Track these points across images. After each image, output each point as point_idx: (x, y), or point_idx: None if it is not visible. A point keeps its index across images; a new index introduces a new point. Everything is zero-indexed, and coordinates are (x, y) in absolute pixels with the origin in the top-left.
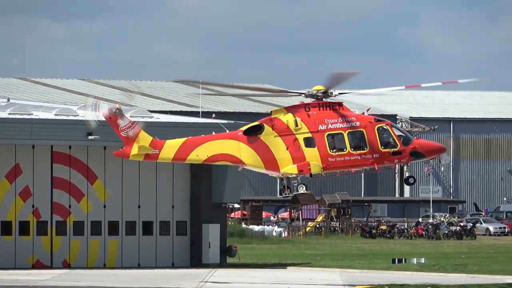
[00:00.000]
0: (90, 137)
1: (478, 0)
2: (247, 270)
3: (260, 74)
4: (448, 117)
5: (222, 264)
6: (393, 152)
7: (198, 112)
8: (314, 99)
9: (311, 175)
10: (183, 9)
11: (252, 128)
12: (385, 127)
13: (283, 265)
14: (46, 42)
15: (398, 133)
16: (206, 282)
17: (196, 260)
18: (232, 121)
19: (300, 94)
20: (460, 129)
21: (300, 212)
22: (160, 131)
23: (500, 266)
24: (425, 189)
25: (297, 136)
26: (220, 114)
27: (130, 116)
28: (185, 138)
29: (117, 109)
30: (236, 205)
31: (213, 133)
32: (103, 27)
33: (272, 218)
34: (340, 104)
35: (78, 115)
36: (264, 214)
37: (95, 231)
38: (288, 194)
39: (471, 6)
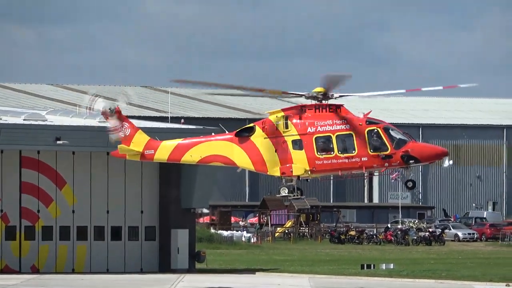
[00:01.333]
0: (58, 142)
1: (446, 6)
2: (216, 275)
3: (230, 80)
4: (417, 123)
5: (191, 270)
6: (384, 156)
7: (167, 117)
8: (315, 101)
9: (299, 177)
10: (151, 14)
11: (244, 129)
12: (375, 130)
13: (252, 271)
14: (14, 47)
15: (393, 135)
16: (175, 287)
17: (164, 266)
18: (201, 127)
19: (301, 95)
20: (429, 135)
21: (269, 217)
22: None
23: (469, 272)
24: (394, 195)
25: (285, 138)
26: (189, 120)
27: (99, 122)
28: (181, 139)
29: (110, 108)
30: (205, 210)
31: (213, 134)
32: (71, 32)
33: (241, 223)
34: (338, 106)
35: (46, 120)
36: (233, 219)
37: (64, 236)
38: (297, 196)
39: (438, 12)
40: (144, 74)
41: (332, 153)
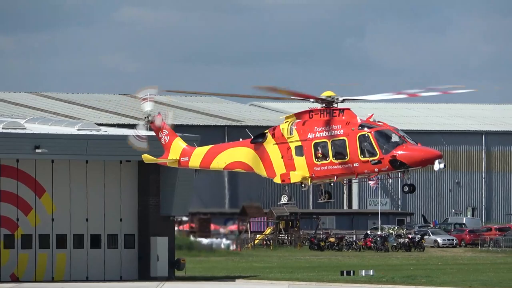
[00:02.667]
0: (38, 151)
1: (424, 11)
2: (195, 283)
3: (208, 86)
4: None
5: (171, 277)
6: (374, 161)
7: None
8: (323, 105)
9: (302, 184)
10: (129, 21)
11: (259, 136)
12: (366, 135)
13: (231, 278)
14: None
15: (383, 140)
16: None
17: (144, 273)
18: (180, 134)
19: (308, 99)
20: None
21: (248, 224)
22: (108, 144)
23: (448, 278)
24: (373, 201)
25: (290, 144)
26: None
27: (78, 130)
28: (211, 146)
29: (147, 117)
30: (184, 218)
31: (240, 139)
32: (49, 39)
33: (221, 230)
34: (342, 110)
35: (25, 128)
36: (212, 226)
37: (43, 244)
38: (325, 199)
39: (417, 17)
40: (122, 81)
41: (327, 159)
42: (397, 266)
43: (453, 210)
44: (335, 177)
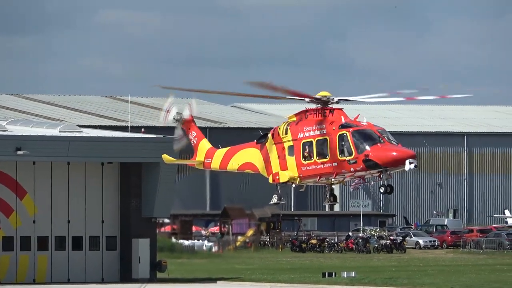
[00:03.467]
0: (19, 152)
1: (407, 14)
2: (177, 285)
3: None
4: None
5: (152, 279)
6: (351, 161)
7: (127, 126)
8: (318, 105)
9: (291, 183)
10: (112, 23)
11: (262, 136)
12: (344, 134)
13: (213, 280)
14: None
15: (360, 139)
16: None
17: (126, 275)
18: (161, 136)
19: (303, 99)
20: None
21: (230, 226)
22: (89, 146)
23: (430, 279)
24: (355, 203)
25: (284, 144)
26: (149, 129)
27: (59, 131)
28: (229, 147)
29: (178, 118)
30: (166, 220)
31: (142, 130)
32: (31, 41)
33: (203, 232)
34: (332, 110)
35: (7, 130)
36: (194, 228)
37: (25, 246)
38: (330, 202)
39: (401, 19)
40: (104, 83)
41: (312, 158)
42: (379, 268)
43: (434, 212)
44: (319, 177)
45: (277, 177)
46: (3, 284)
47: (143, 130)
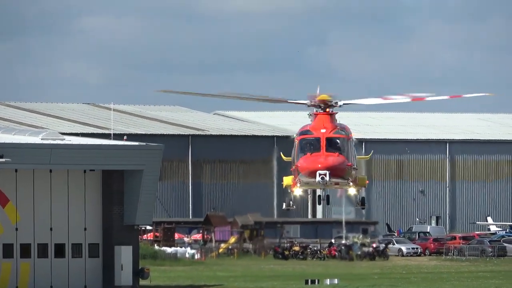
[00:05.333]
0: (1, 160)
1: (385, 19)
2: None
3: (170, 95)
4: (360, 138)
5: (135, 286)
6: (295, 170)
7: (110, 134)
8: (318, 109)
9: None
10: (90, 30)
11: None
12: (295, 142)
13: (196, 287)
14: None
15: (305, 146)
16: None
17: (108, 282)
18: (144, 143)
19: (303, 103)
20: (372, 150)
21: (212, 233)
22: (72, 154)
23: (413, 287)
24: (337, 211)
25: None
26: (131, 136)
27: (41, 139)
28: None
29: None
30: (148, 227)
31: (125, 137)
32: (9, 46)
33: (186, 239)
34: (324, 113)
35: None
36: (176, 235)
37: (7, 254)
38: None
39: (377, 25)
40: (85, 90)
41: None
42: (362, 275)
43: (417, 219)
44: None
45: (282, 183)
46: None
47: (125, 137)
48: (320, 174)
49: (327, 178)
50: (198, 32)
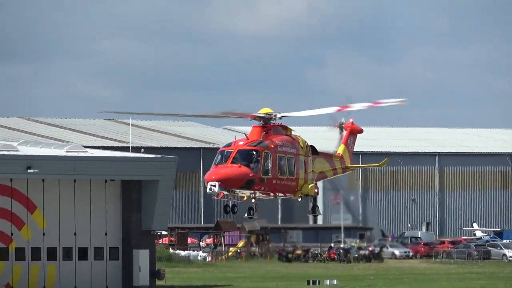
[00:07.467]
0: (29, 171)
1: (372, 43)
2: None
3: (177, 110)
4: (357, 151)
5: (152, 286)
6: None
7: (128, 147)
8: (261, 122)
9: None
10: (109, 52)
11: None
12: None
13: (207, 287)
14: None
15: (219, 159)
16: None
17: (127, 283)
18: (159, 155)
19: (247, 117)
20: (368, 162)
21: (222, 238)
22: (94, 165)
23: (405, 287)
24: (336, 217)
25: None
26: (148, 149)
27: (66, 152)
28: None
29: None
30: (164, 232)
31: (142, 150)
32: (38, 68)
33: (201, 243)
34: (257, 126)
35: (18, 150)
36: (189, 240)
37: (35, 256)
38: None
39: (366, 49)
40: (104, 107)
41: None
42: (359, 276)
43: (409, 225)
44: None
45: None
46: None
47: (142, 150)
48: (211, 184)
49: (215, 188)
50: (199, 51)
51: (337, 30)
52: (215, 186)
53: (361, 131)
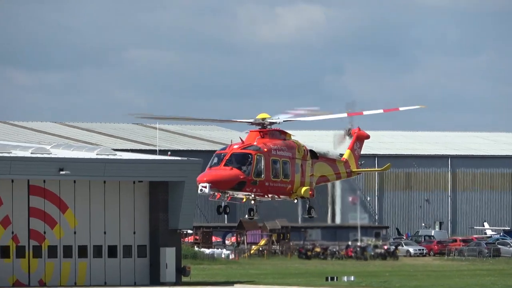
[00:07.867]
0: (62, 173)
1: (394, 51)
2: (199, 287)
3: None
4: (372, 154)
5: (178, 283)
6: None
7: (156, 150)
8: (260, 127)
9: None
10: (137, 61)
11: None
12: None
13: (231, 283)
14: (20, 90)
15: (213, 161)
16: None
17: (155, 279)
18: (185, 158)
19: (247, 122)
20: (384, 164)
21: (245, 237)
22: (123, 167)
23: (419, 283)
24: (353, 216)
25: None
26: (175, 152)
27: (96, 154)
28: None
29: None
30: (189, 231)
31: (169, 153)
32: (71, 76)
33: (226, 242)
34: (254, 131)
35: (51, 153)
36: (213, 238)
37: (67, 254)
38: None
39: (387, 57)
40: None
41: None
42: (375, 273)
43: (423, 224)
44: None
45: None
46: (48, 287)
47: (169, 153)
48: (202, 185)
49: (206, 190)
50: (228, 62)
51: (356, 39)
52: (205, 187)
53: (367, 137)
